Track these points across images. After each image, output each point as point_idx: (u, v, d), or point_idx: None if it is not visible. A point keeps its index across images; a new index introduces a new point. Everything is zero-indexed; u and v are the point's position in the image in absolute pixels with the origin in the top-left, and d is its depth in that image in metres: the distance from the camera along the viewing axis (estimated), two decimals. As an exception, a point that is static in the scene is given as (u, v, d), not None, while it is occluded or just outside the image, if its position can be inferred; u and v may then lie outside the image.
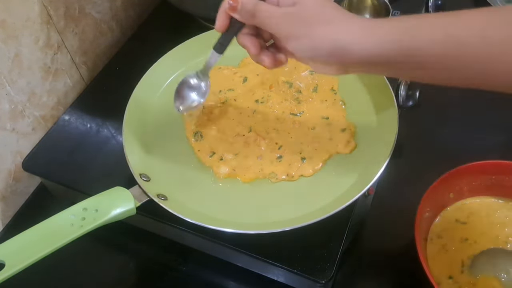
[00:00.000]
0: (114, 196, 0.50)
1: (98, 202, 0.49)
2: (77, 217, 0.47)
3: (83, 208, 0.48)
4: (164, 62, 0.66)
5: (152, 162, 0.58)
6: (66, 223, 0.47)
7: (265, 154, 0.58)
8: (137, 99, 0.61)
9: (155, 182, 0.55)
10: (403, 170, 0.67)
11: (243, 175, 0.56)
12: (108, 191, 0.50)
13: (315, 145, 0.58)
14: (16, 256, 0.44)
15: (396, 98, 0.59)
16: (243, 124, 0.60)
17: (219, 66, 0.67)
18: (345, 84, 0.64)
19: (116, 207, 0.49)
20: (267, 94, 0.63)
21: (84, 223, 0.47)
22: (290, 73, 0.65)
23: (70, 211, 0.48)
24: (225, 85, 0.65)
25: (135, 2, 0.85)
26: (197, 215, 0.51)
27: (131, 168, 0.53)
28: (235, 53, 0.69)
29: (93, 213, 0.48)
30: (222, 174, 0.56)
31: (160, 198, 0.52)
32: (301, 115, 0.61)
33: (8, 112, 0.63)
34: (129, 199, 0.50)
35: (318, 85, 0.64)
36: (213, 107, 0.62)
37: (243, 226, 0.50)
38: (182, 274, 0.61)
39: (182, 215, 0.49)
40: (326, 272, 0.50)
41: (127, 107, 0.60)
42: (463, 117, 0.74)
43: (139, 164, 0.55)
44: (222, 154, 0.58)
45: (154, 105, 0.64)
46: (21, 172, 0.65)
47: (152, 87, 0.65)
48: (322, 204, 0.52)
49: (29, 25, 0.62)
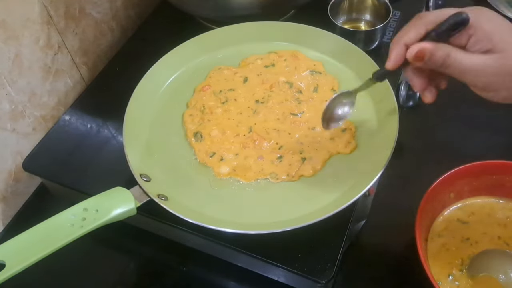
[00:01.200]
0: (115, 196, 0.50)
1: (99, 202, 0.49)
2: (77, 217, 0.47)
3: (83, 208, 0.48)
4: (164, 62, 0.66)
5: (153, 162, 0.58)
6: (66, 223, 0.47)
7: (265, 154, 0.58)
8: (138, 99, 0.61)
9: (156, 182, 0.55)
10: (403, 170, 0.67)
11: (244, 175, 0.56)
12: (109, 191, 0.50)
13: (316, 145, 0.58)
14: (17, 257, 0.44)
15: (396, 98, 0.59)
16: (244, 124, 0.60)
17: (219, 66, 0.67)
18: (346, 84, 0.64)
19: (116, 207, 0.49)
20: (267, 94, 0.63)
21: (85, 223, 0.47)
22: (291, 73, 0.65)
23: (70, 212, 0.48)
24: (226, 85, 0.65)
25: (135, 2, 0.85)
26: (198, 215, 0.51)
27: (132, 169, 0.53)
28: (235, 53, 0.69)
29: (94, 213, 0.48)
30: (222, 175, 0.56)
31: (160, 198, 0.52)
32: (302, 115, 0.61)
33: (9, 112, 0.63)
34: (130, 199, 0.50)
35: (318, 85, 0.64)
36: (214, 107, 0.62)
37: (244, 226, 0.50)
38: (182, 274, 0.61)
39: (182, 215, 0.49)
40: (326, 272, 0.50)
41: (128, 108, 0.60)
42: (463, 117, 0.74)
43: (140, 165, 0.55)
44: (222, 154, 0.58)
45: (154, 106, 0.64)
46: (21, 172, 0.65)
47: (152, 88, 0.65)
48: (322, 204, 0.52)
49: (29, 25, 0.62)
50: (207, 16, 0.77)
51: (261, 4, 0.70)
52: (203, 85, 0.65)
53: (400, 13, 0.76)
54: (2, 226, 0.67)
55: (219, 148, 0.58)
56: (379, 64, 0.61)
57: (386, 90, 0.59)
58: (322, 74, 0.65)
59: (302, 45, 0.69)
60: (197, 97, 0.64)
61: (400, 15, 0.76)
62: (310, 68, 0.66)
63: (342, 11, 0.76)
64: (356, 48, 0.64)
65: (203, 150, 0.59)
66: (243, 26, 0.69)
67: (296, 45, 0.69)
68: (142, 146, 0.59)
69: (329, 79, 0.65)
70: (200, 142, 0.59)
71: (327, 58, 0.67)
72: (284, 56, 0.68)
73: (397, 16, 0.76)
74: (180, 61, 0.67)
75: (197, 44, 0.68)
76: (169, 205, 0.50)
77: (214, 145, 0.59)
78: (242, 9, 0.71)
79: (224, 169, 0.57)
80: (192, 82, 0.66)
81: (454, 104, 0.75)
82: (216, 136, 0.59)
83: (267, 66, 0.67)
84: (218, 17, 0.75)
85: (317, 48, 0.68)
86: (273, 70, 0.66)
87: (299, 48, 0.69)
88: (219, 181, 0.56)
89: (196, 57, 0.68)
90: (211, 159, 0.58)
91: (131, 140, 0.57)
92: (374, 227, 0.63)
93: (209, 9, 0.73)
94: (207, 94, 0.64)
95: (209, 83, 0.65)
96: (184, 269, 0.61)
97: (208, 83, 0.65)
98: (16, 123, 0.65)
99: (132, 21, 0.85)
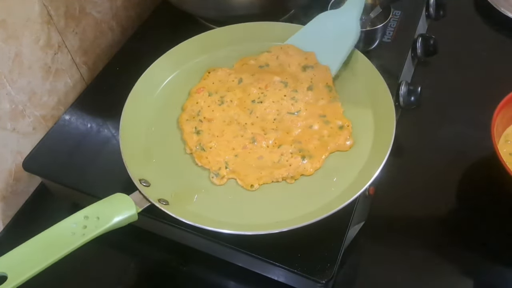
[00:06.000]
0: (115, 203, 0.50)
1: (99, 210, 0.48)
2: (78, 226, 0.47)
3: (84, 216, 0.48)
4: (157, 66, 0.65)
5: (151, 166, 0.57)
6: (67, 232, 0.46)
7: (265, 155, 0.57)
8: (133, 104, 0.60)
9: (155, 187, 0.54)
10: (403, 170, 0.67)
11: (244, 176, 0.56)
12: (109, 198, 0.50)
13: (315, 142, 0.58)
14: (18, 268, 0.43)
15: (396, 99, 0.59)
16: (241, 125, 0.60)
17: (213, 68, 0.67)
18: (342, 81, 0.64)
19: (117, 214, 0.48)
20: (263, 93, 0.63)
21: (86, 231, 0.46)
22: (284, 72, 0.65)
23: (71, 220, 0.47)
24: (221, 87, 0.64)
25: (135, 2, 0.85)
26: (200, 218, 0.51)
27: (130, 174, 0.53)
28: (229, 54, 0.69)
29: (95, 220, 0.47)
30: (222, 176, 0.56)
31: (161, 203, 0.51)
32: (298, 114, 0.61)
33: (9, 112, 0.63)
34: (131, 205, 0.49)
35: (313, 83, 0.64)
36: (210, 109, 0.62)
37: (246, 227, 0.50)
38: (183, 274, 0.61)
39: (184, 219, 0.49)
40: (326, 272, 0.50)
41: (123, 113, 0.59)
42: (464, 117, 0.74)
43: (138, 169, 0.55)
44: (221, 156, 0.57)
45: (149, 110, 0.63)
46: (21, 172, 0.65)
47: (147, 92, 0.64)
48: (322, 203, 0.52)
49: (29, 25, 0.63)
50: (207, 15, 0.77)
51: (261, 4, 0.70)
52: (198, 87, 0.65)
53: (400, 13, 0.76)
54: (2, 225, 0.67)
55: (218, 150, 0.58)
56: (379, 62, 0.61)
57: (381, 85, 0.59)
58: (315, 67, 0.65)
59: None
60: (193, 99, 0.64)
61: (400, 15, 0.76)
62: (302, 63, 0.66)
63: (342, 11, 0.76)
64: None
65: (201, 152, 0.58)
66: (236, 27, 0.69)
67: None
68: (140, 151, 0.58)
69: (323, 71, 0.64)
70: (198, 145, 0.59)
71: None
72: (276, 54, 0.67)
73: (397, 16, 0.76)
74: (174, 64, 0.67)
75: (195, 44, 0.68)
76: (171, 209, 0.50)
77: (212, 147, 0.58)
78: (242, 9, 0.71)
79: (224, 171, 0.56)
80: (187, 85, 0.65)
81: (454, 103, 0.75)
82: (214, 138, 0.59)
83: (262, 67, 0.67)
84: (218, 17, 0.75)
85: None
86: (267, 69, 0.66)
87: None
88: (219, 183, 0.56)
89: (189, 59, 0.67)
90: (210, 161, 0.57)
91: (128, 146, 0.57)
92: (374, 227, 0.63)
93: (209, 9, 0.73)
94: (203, 96, 0.63)
95: (204, 85, 0.65)
96: (185, 269, 0.61)
97: (203, 85, 0.65)
98: (16, 122, 0.65)
99: (132, 21, 0.85)
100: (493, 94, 0.63)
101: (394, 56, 0.71)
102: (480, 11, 0.91)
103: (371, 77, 0.61)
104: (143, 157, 0.58)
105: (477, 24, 0.90)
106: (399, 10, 0.76)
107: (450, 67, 0.81)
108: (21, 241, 0.46)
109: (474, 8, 0.92)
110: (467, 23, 0.90)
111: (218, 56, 0.69)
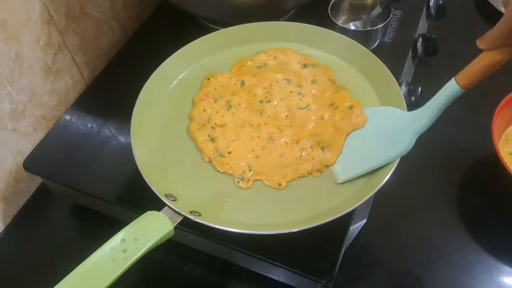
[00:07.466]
0: (149, 221, 0.48)
1: (135, 231, 0.47)
2: (117, 250, 0.45)
3: (121, 239, 0.45)
4: (156, 78, 0.63)
5: (171, 181, 0.55)
6: (107, 259, 0.44)
7: (285, 152, 0.57)
8: (139, 121, 0.58)
9: (183, 200, 0.52)
10: (403, 170, 0.67)
11: (270, 176, 0.55)
12: (141, 218, 0.48)
13: (330, 131, 0.57)
14: None
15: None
16: (255, 126, 0.59)
17: (212, 74, 0.66)
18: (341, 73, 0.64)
19: (154, 232, 0.47)
20: (268, 93, 0.62)
21: (127, 255, 0.44)
22: (285, 69, 0.65)
23: (108, 246, 0.45)
24: (225, 92, 0.63)
25: (136, 2, 0.85)
26: (235, 224, 0.50)
27: (156, 191, 0.51)
28: (224, 60, 0.67)
29: (133, 242, 0.45)
30: (247, 180, 0.55)
31: (194, 214, 0.50)
32: (308, 108, 0.60)
33: (9, 112, 0.63)
34: (166, 221, 0.48)
35: (315, 77, 0.63)
36: (219, 115, 0.61)
37: (282, 226, 0.49)
38: (183, 274, 0.61)
39: (226, 228, 0.48)
40: (327, 272, 0.50)
41: (131, 133, 0.56)
42: (464, 116, 0.74)
43: (161, 185, 0.53)
44: (242, 160, 0.56)
45: (156, 124, 0.61)
46: (22, 172, 0.65)
47: (151, 107, 0.61)
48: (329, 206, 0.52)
49: (29, 25, 0.63)
50: (208, 15, 0.77)
51: (261, 4, 0.70)
52: (201, 95, 0.63)
53: (400, 13, 0.76)
54: (2, 225, 0.67)
55: (237, 154, 0.57)
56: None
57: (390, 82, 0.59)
58: (315, 66, 0.65)
59: (292, 42, 0.68)
60: (199, 108, 0.62)
61: (401, 15, 0.76)
62: (302, 62, 0.66)
63: (343, 11, 0.76)
64: (345, 38, 0.65)
65: (221, 159, 0.57)
66: (229, 30, 0.68)
67: (286, 43, 0.69)
68: (156, 166, 0.56)
69: (323, 68, 0.64)
70: (216, 152, 0.57)
71: (318, 52, 0.67)
72: (274, 54, 0.67)
73: (397, 15, 0.76)
74: (171, 75, 0.65)
75: (204, 44, 0.67)
76: (207, 219, 0.49)
77: (231, 152, 0.57)
78: (242, 9, 0.71)
79: (248, 174, 0.55)
80: (187, 94, 0.64)
81: (454, 103, 0.75)
82: (231, 143, 0.58)
83: (260, 67, 0.66)
84: (219, 17, 0.75)
85: (310, 45, 0.68)
86: (266, 69, 0.66)
87: (290, 45, 0.68)
88: (246, 186, 0.55)
89: (202, 57, 0.67)
90: (232, 167, 0.56)
91: (145, 163, 0.54)
92: (375, 227, 0.63)
93: (209, 9, 0.73)
94: (209, 103, 0.62)
95: (207, 92, 0.64)
96: (185, 268, 0.61)
97: (205, 92, 0.64)
98: (17, 122, 0.65)
99: (133, 21, 0.85)
100: (493, 93, 0.63)
101: (395, 56, 0.71)
102: (480, 11, 0.91)
103: (371, 64, 0.61)
104: (160, 172, 0.56)
105: (478, 24, 0.90)
106: (400, 10, 0.76)
107: (451, 67, 0.81)
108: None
109: (474, 8, 0.92)
110: (467, 23, 0.90)
111: (212, 63, 0.67)
